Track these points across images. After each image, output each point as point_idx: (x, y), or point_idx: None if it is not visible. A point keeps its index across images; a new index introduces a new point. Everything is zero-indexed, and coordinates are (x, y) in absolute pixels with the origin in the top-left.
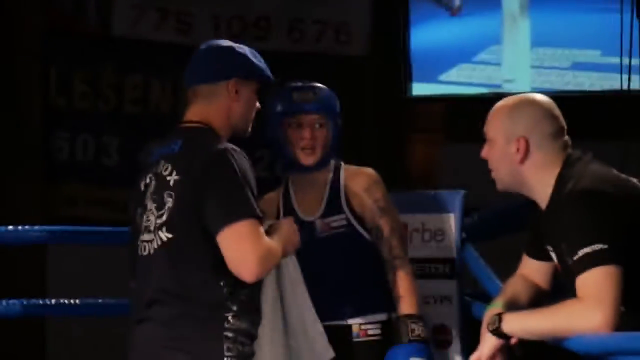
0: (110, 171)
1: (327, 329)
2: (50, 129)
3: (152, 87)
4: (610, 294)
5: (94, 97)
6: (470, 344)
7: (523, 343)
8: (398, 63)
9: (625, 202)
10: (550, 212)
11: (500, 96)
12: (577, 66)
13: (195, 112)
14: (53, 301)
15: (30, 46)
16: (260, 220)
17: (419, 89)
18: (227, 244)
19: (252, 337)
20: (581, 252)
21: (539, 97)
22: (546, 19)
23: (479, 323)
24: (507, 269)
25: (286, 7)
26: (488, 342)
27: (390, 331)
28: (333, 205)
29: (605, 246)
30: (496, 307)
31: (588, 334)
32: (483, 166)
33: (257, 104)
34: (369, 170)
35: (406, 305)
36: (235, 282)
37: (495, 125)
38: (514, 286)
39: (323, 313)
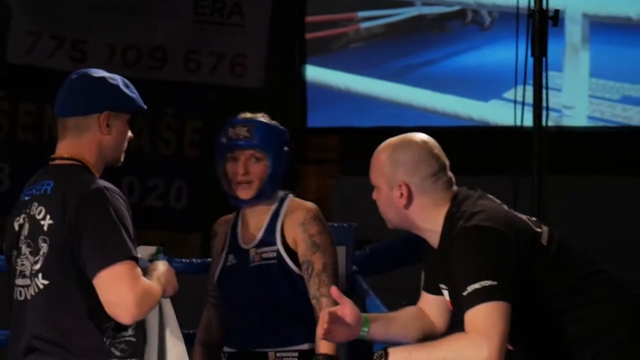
0: (1, 198)
1: (245, 356)
2: None
3: (45, 115)
4: (497, 329)
5: None
6: None
7: None
8: (293, 95)
9: (515, 238)
10: (441, 251)
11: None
12: (627, 100)
13: (66, 147)
14: None
15: None
16: (137, 261)
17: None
18: (104, 287)
19: None
20: (470, 288)
21: (418, 137)
22: (604, 51)
23: (368, 356)
24: (397, 302)
25: (182, 38)
26: None
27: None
28: (267, 236)
29: (495, 283)
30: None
31: None
32: (374, 200)
33: (129, 134)
34: (310, 205)
35: (323, 346)
36: (117, 326)
37: (377, 172)
38: (401, 312)
39: (242, 340)
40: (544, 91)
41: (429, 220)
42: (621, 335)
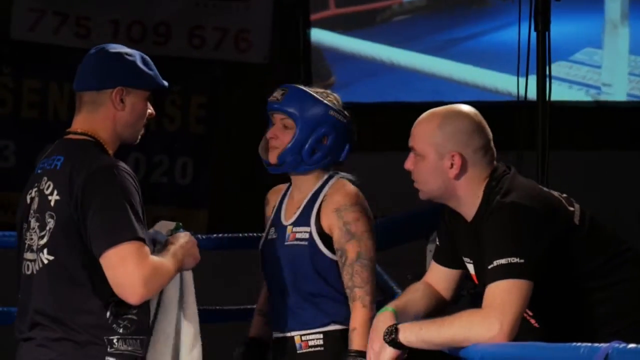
0: (7, 175)
1: (279, 341)
2: None
3: (50, 92)
4: (514, 307)
5: None
6: None
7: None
8: (299, 68)
9: (547, 218)
10: (474, 224)
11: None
12: None
13: (81, 121)
14: None
15: None
16: (144, 241)
17: None
18: (110, 267)
19: (138, 359)
20: (496, 262)
21: (467, 109)
22: None
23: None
24: (402, 276)
25: (186, 14)
26: (386, 354)
27: (334, 341)
28: (304, 216)
29: (522, 260)
30: (387, 310)
31: (483, 344)
32: (379, 176)
33: (149, 111)
34: (349, 189)
35: (355, 341)
36: (122, 304)
37: (425, 140)
38: (412, 292)
39: (276, 323)
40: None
41: (472, 192)
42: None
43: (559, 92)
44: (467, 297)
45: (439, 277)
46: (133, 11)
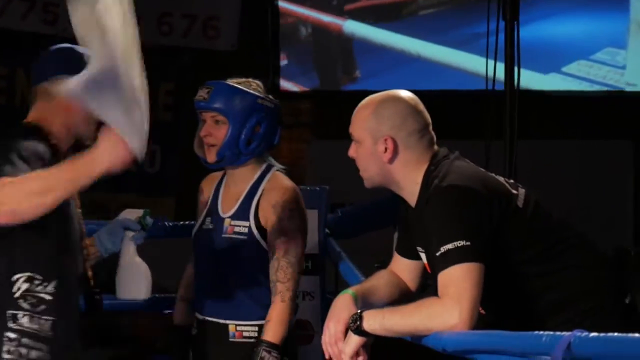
0: None
1: (207, 324)
2: None
3: (17, 78)
4: (469, 293)
5: None
6: None
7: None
8: (267, 56)
9: (490, 199)
10: (417, 210)
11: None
12: None
13: (33, 112)
14: None
15: None
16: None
17: None
18: None
19: (44, 340)
20: (443, 249)
21: (404, 93)
22: None
23: None
24: (369, 265)
25: (155, 1)
26: (351, 342)
27: None
28: (243, 210)
29: (468, 243)
30: (347, 293)
31: (445, 332)
32: (348, 163)
33: None
34: (286, 186)
35: (268, 332)
36: (35, 279)
37: (361, 126)
38: (377, 279)
39: (206, 308)
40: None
41: (410, 177)
42: (591, 304)
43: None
44: (434, 286)
45: (402, 268)
46: None
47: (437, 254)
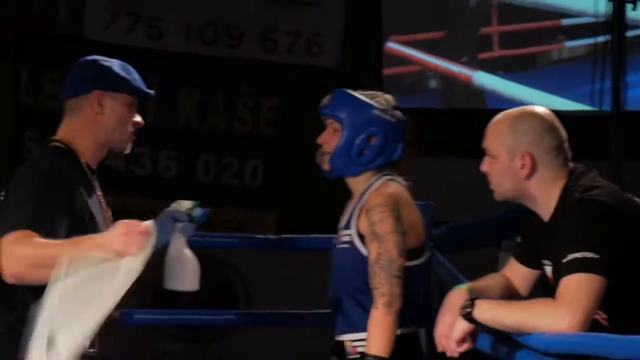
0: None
1: (335, 345)
2: (20, 129)
3: None
4: (585, 302)
5: None
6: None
7: None
8: (369, 73)
9: (627, 219)
10: (552, 224)
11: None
12: None
13: (62, 129)
14: None
15: (1, 45)
16: (38, 229)
17: None
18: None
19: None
20: (570, 256)
21: (540, 109)
22: None
23: None
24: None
25: (259, 17)
26: (459, 327)
27: None
28: (350, 219)
29: (597, 256)
30: (462, 287)
31: (551, 333)
32: (452, 181)
33: (137, 119)
34: (385, 191)
35: (369, 345)
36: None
37: (497, 140)
38: (491, 279)
39: (333, 325)
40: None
41: (546, 193)
42: None
43: None
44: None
45: (517, 274)
46: (205, 13)
47: (564, 260)
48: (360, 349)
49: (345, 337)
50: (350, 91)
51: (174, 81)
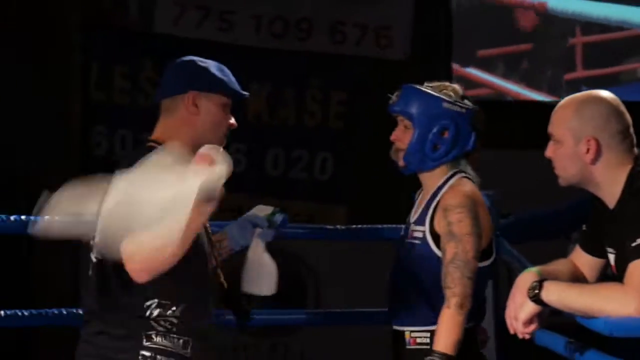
0: None
1: (393, 334)
2: (89, 124)
3: None
4: None
5: (133, 93)
6: (506, 342)
7: None
8: (438, 66)
9: None
10: (617, 210)
11: None
12: None
13: (158, 129)
14: None
15: (70, 40)
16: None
17: None
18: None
19: (178, 356)
20: (639, 241)
21: (605, 94)
22: None
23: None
24: None
25: (328, 10)
26: (526, 308)
27: None
28: (423, 215)
29: None
30: (531, 271)
31: (618, 317)
32: (516, 171)
33: (231, 121)
34: (461, 190)
35: (436, 341)
36: (166, 303)
37: (562, 125)
38: (561, 264)
39: (390, 315)
40: None
41: (611, 178)
42: None
43: None
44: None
45: (583, 263)
46: (275, 6)
47: (633, 244)
48: (419, 340)
49: (406, 329)
50: (418, 86)
51: (244, 75)
